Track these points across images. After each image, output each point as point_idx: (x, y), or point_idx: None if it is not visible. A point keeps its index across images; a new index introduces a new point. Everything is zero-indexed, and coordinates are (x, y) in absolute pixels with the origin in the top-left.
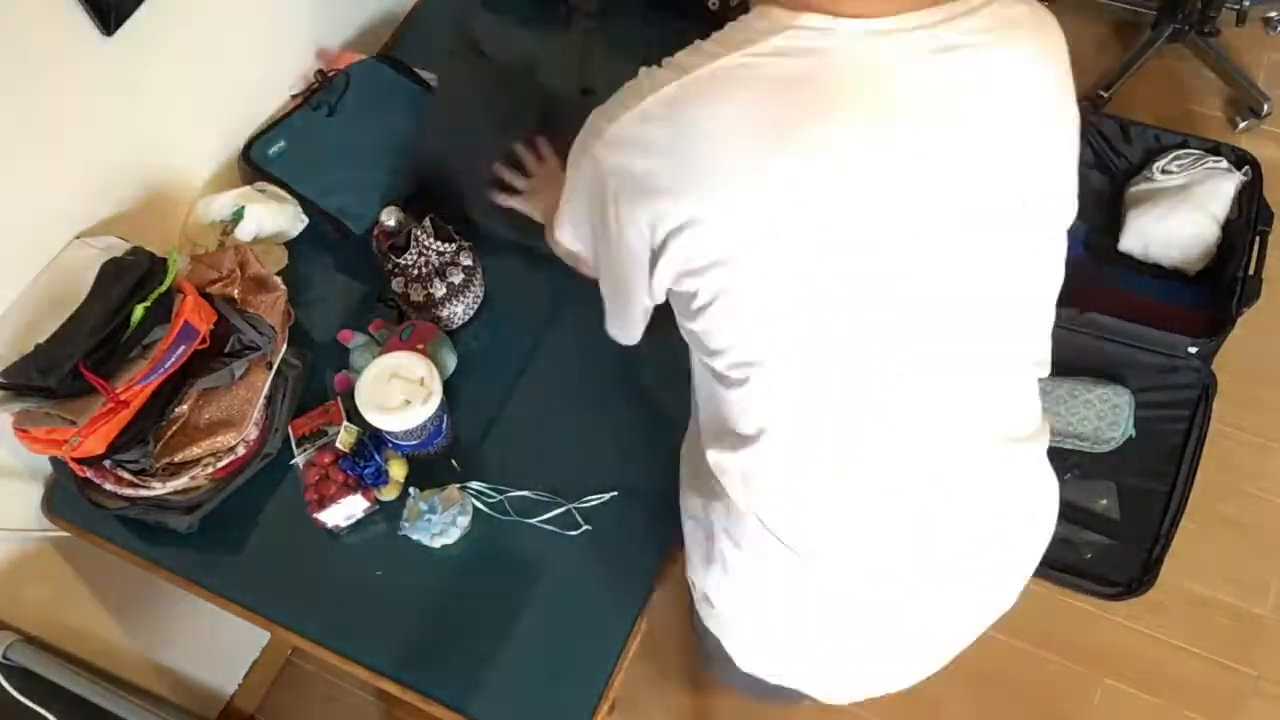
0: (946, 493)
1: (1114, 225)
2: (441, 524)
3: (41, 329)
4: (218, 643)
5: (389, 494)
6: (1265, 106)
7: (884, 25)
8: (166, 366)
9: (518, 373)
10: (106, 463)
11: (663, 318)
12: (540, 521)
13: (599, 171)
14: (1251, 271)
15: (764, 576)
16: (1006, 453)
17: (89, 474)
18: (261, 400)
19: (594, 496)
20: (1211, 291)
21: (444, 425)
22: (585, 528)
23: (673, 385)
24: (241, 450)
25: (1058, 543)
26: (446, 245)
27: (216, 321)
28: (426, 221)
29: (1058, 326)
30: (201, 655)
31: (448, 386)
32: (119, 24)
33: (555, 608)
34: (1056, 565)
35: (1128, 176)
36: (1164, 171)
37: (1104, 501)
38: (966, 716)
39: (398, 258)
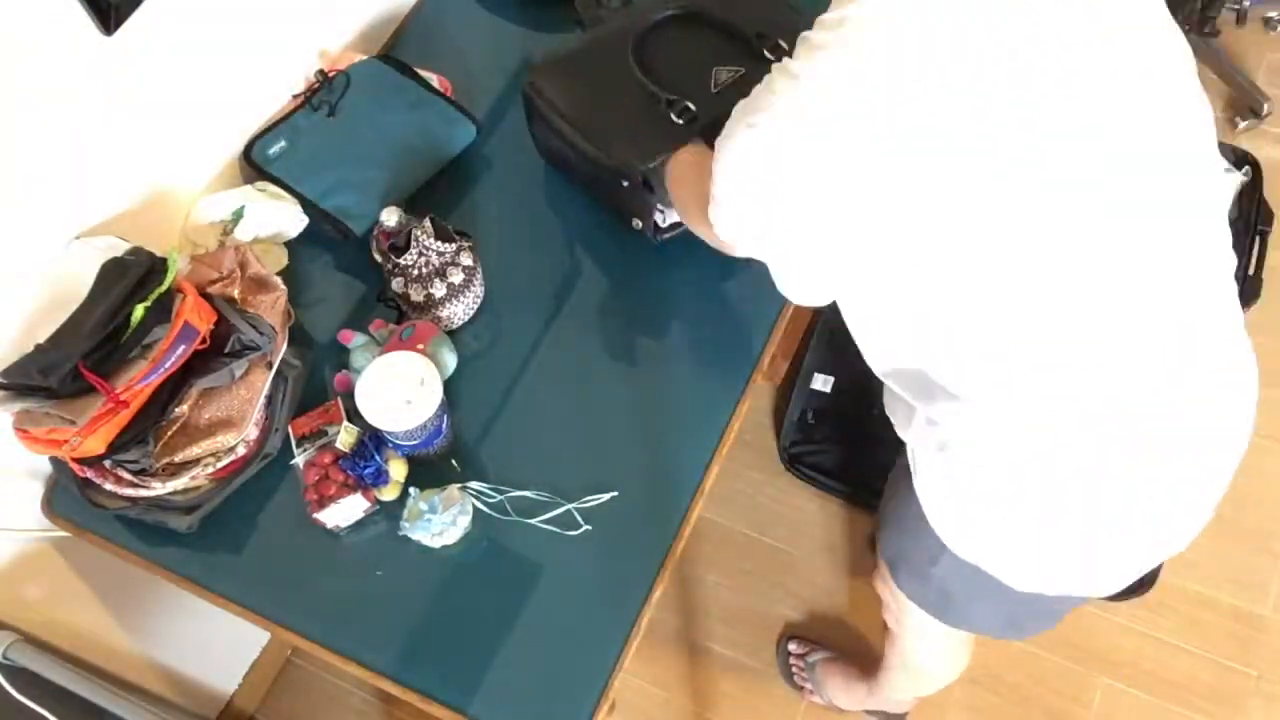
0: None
1: None
2: (442, 524)
3: (41, 329)
4: (218, 643)
5: (389, 494)
6: (1265, 107)
7: None
8: (166, 366)
9: (518, 373)
10: (106, 463)
11: (655, 320)
12: (540, 521)
13: None
14: (1251, 271)
15: (1011, 474)
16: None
17: (89, 474)
18: (261, 400)
19: (594, 496)
20: None
21: (444, 425)
22: (585, 528)
23: (673, 385)
24: (241, 450)
25: None
26: (446, 245)
27: (216, 321)
28: (426, 221)
29: None
30: (201, 655)
31: (448, 386)
32: (119, 24)
33: (555, 608)
34: None
35: None
36: None
37: None
38: (967, 717)
39: (398, 258)
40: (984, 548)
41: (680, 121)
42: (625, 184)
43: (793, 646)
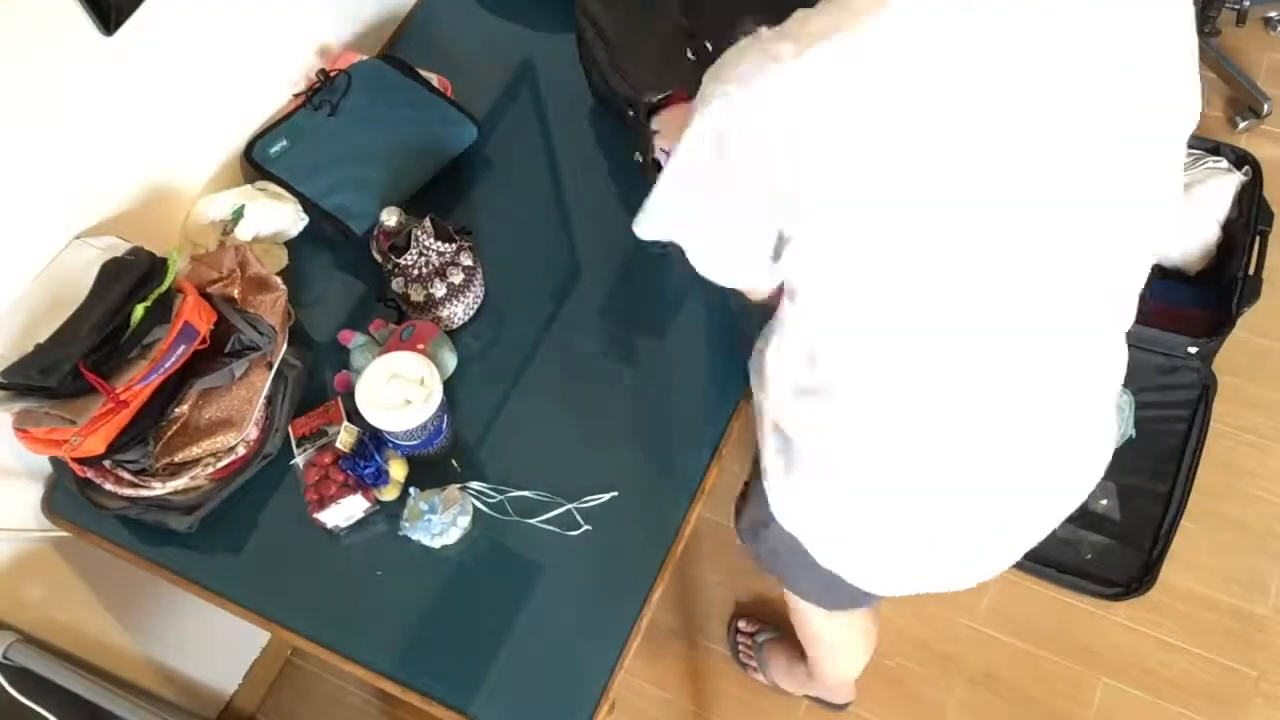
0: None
1: None
2: (442, 524)
3: (41, 329)
4: (218, 643)
5: (389, 494)
6: (1265, 106)
7: None
8: (166, 366)
9: (518, 373)
10: (106, 463)
11: (655, 321)
12: (540, 521)
13: None
14: (1251, 271)
15: (840, 476)
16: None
17: (89, 474)
18: (261, 400)
19: (594, 496)
20: (1211, 291)
21: (444, 425)
22: (585, 528)
23: (673, 385)
24: (241, 450)
25: (1058, 543)
26: (446, 245)
27: (216, 321)
28: (426, 221)
29: None
30: (201, 655)
31: (448, 386)
32: (119, 24)
33: (555, 608)
34: (1056, 565)
35: None
36: None
37: (1104, 501)
38: (967, 717)
39: (398, 258)
40: (800, 524)
41: (693, 59)
42: (630, 112)
43: (742, 624)
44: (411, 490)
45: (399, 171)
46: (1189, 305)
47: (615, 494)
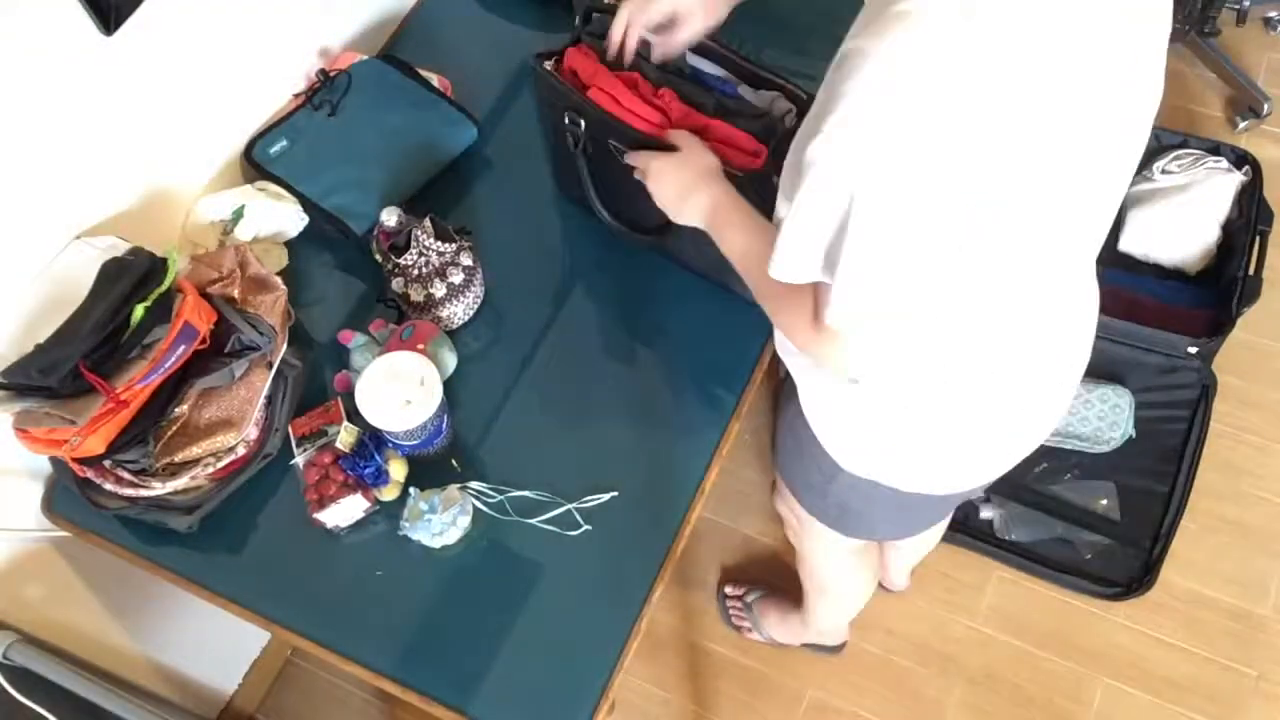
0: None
1: (1114, 225)
2: (442, 524)
3: (41, 329)
4: (218, 643)
5: (389, 494)
6: (1265, 106)
7: None
8: (166, 366)
9: (518, 373)
10: (106, 463)
11: (655, 321)
12: (540, 521)
13: None
14: (1251, 271)
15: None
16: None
17: (89, 474)
18: (261, 400)
19: (594, 496)
20: (1211, 291)
21: (444, 425)
22: (585, 528)
23: (673, 385)
24: (241, 450)
25: (1058, 543)
26: (446, 245)
27: (216, 321)
28: (426, 221)
29: None
30: (201, 655)
31: (448, 386)
32: (119, 24)
33: (555, 608)
34: (1056, 565)
35: None
36: (1164, 171)
37: (1104, 501)
38: (967, 717)
39: (398, 258)
40: (874, 464)
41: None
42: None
43: (729, 589)
44: (411, 490)
45: (399, 171)
46: (1189, 305)
47: (615, 494)
